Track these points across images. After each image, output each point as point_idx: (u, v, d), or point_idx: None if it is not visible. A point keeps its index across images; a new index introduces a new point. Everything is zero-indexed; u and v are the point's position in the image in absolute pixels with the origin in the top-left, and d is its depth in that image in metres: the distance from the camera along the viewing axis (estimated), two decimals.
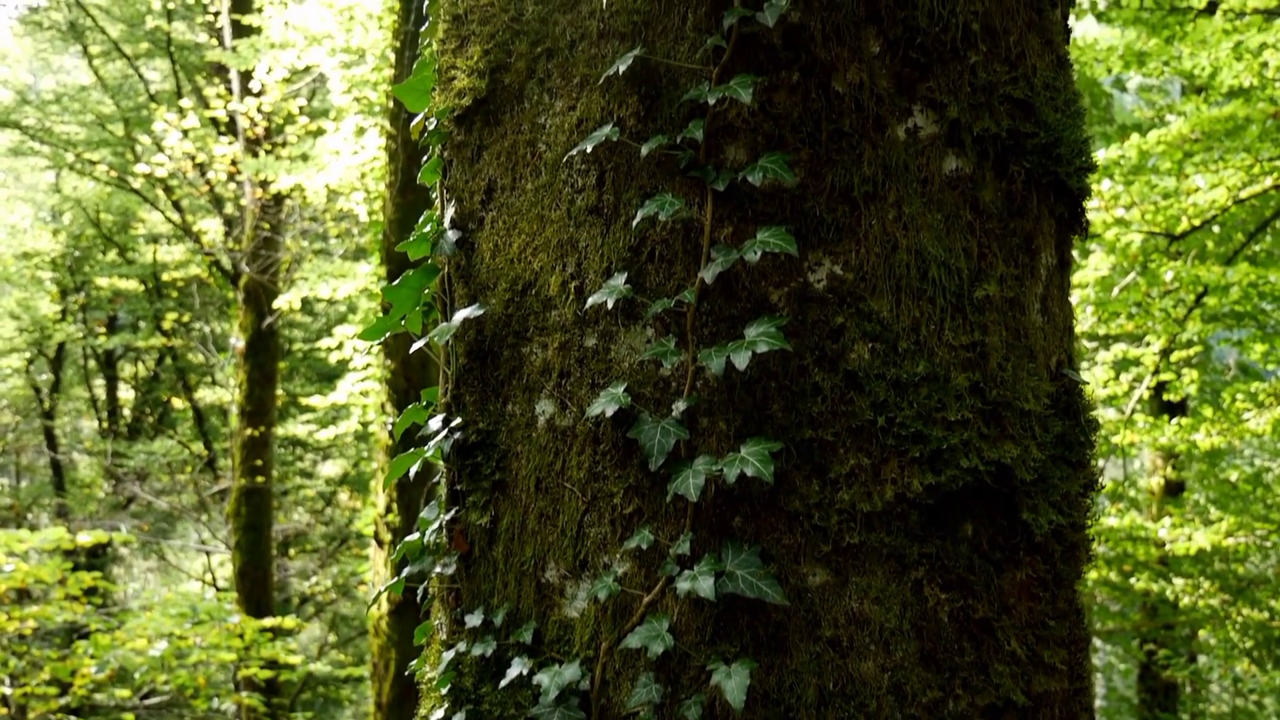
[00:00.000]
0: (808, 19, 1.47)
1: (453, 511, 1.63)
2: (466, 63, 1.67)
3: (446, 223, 1.70)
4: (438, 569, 1.64)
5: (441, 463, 1.66)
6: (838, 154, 1.47)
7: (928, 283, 1.48)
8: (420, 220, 1.77)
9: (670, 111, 1.49)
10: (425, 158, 1.78)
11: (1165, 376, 9.42)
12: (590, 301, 1.49)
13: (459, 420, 1.64)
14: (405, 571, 1.69)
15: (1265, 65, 7.46)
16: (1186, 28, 7.24)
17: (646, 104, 1.51)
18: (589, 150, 1.50)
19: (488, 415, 1.63)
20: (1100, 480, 1.62)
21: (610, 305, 1.48)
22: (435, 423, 1.69)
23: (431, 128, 1.71)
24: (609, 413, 1.47)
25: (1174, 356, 9.42)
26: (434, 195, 1.78)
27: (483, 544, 1.61)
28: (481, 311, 1.61)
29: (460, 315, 1.62)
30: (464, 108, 1.67)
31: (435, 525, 1.65)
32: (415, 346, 1.68)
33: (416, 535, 1.71)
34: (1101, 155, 8.12)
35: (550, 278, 1.56)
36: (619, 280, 1.49)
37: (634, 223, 1.48)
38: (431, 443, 1.65)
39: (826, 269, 1.47)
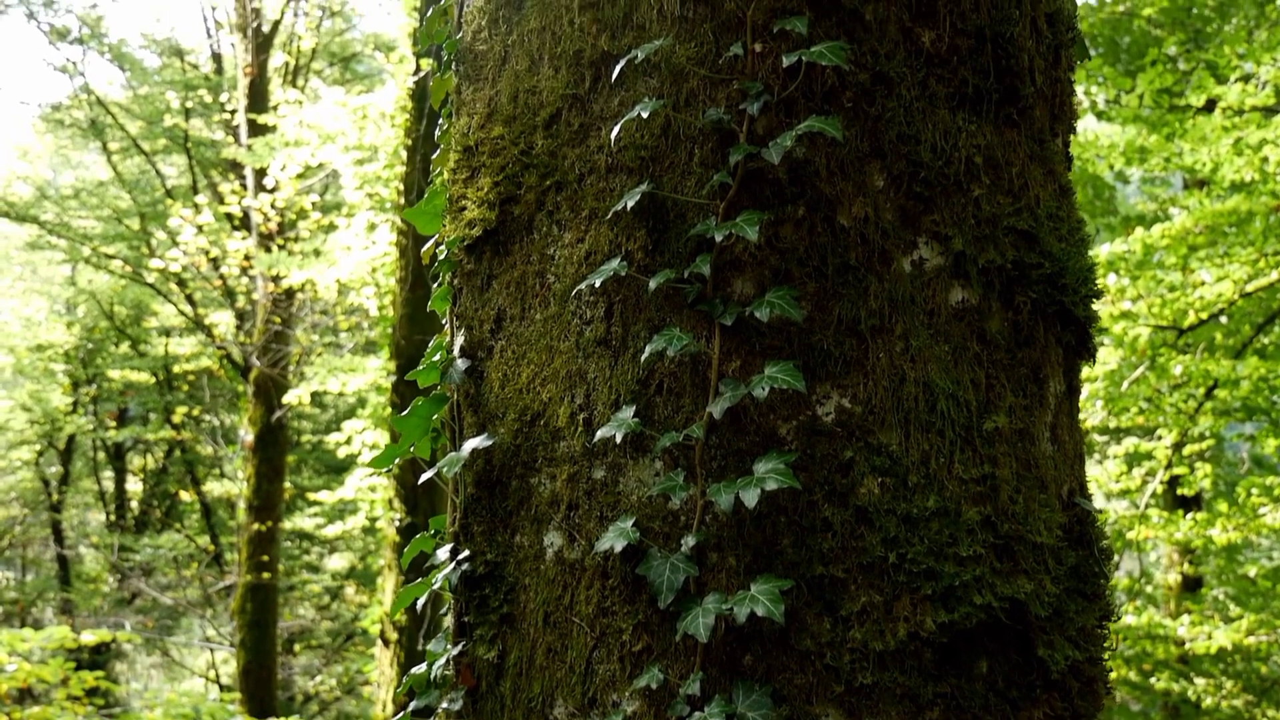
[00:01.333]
0: (812, 155, 1.50)
1: (460, 645, 1.61)
2: (477, 193, 1.70)
3: (456, 351, 1.70)
4: (444, 704, 1.61)
5: (449, 593, 1.64)
6: (844, 287, 1.48)
7: (936, 415, 1.47)
8: (429, 347, 1.78)
9: (677, 245, 1.51)
10: (436, 282, 1.80)
11: (1178, 471, 9.35)
12: (599, 435, 1.49)
13: (467, 551, 1.63)
14: (411, 707, 1.66)
15: (1266, 160, 7.54)
16: (1186, 125, 7.34)
17: (654, 237, 1.52)
18: (597, 284, 1.51)
19: (496, 546, 1.61)
20: (1116, 611, 1.59)
21: (619, 439, 1.47)
22: (443, 553, 1.68)
23: (442, 256, 1.73)
24: (618, 548, 1.45)
25: (1186, 450, 9.36)
26: (444, 322, 1.79)
27: (490, 679, 1.59)
28: (490, 442, 1.61)
29: (469, 445, 1.61)
30: (474, 237, 1.68)
31: (442, 659, 1.63)
32: (424, 477, 1.67)
33: (423, 668, 1.68)
34: (1106, 249, 8.18)
35: (559, 409, 1.56)
36: (627, 413, 1.49)
37: (642, 357, 1.48)
38: (440, 575, 1.64)
39: (835, 402, 1.46)
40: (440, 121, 1.93)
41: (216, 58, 17.32)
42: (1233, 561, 10.35)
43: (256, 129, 12.62)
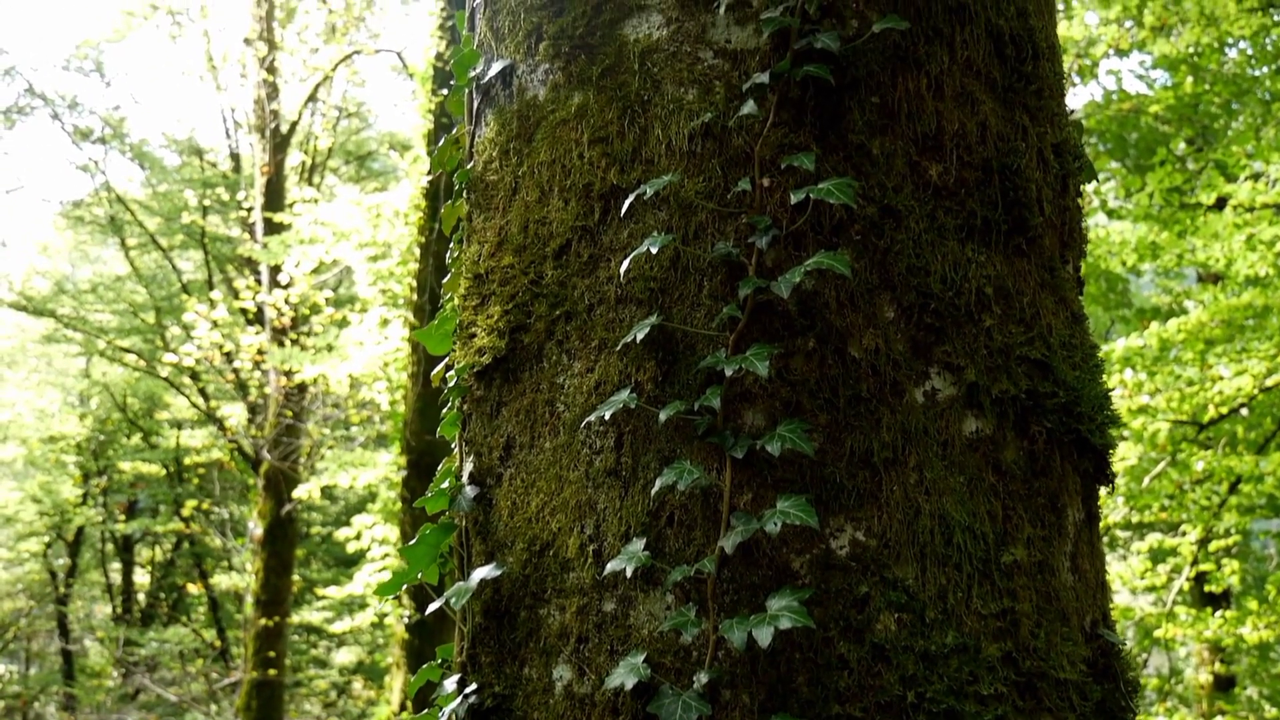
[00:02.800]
0: (822, 287, 1.50)
1: None
2: (487, 321, 1.70)
3: (465, 478, 1.69)
4: None
5: None
6: (856, 419, 1.47)
7: (953, 549, 1.45)
8: (438, 472, 1.77)
9: (687, 377, 1.51)
10: (445, 407, 1.80)
11: (1205, 567, 9.19)
12: (609, 568, 1.47)
13: (474, 684, 1.60)
14: None
15: None
16: (1198, 222, 7.38)
17: (664, 369, 1.52)
18: (607, 416, 1.50)
19: (504, 678, 1.58)
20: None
21: (629, 572, 1.45)
22: (450, 684, 1.64)
23: (452, 383, 1.73)
24: (629, 685, 1.42)
25: (1212, 546, 9.21)
26: (453, 447, 1.78)
27: None
28: (499, 572, 1.59)
29: (477, 575, 1.59)
30: (484, 365, 1.68)
31: None
32: (432, 608, 1.65)
33: None
34: (1121, 344, 8.17)
35: (568, 539, 1.55)
36: (638, 546, 1.47)
37: (653, 490, 1.47)
38: (446, 709, 1.60)
39: (849, 535, 1.44)
40: (451, 247, 1.95)
41: (235, 157, 17.66)
42: (1266, 660, 10.11)
43: (272, 227, 12.81)
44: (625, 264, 1.54)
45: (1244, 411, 8.96)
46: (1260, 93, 10.36)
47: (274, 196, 14.40)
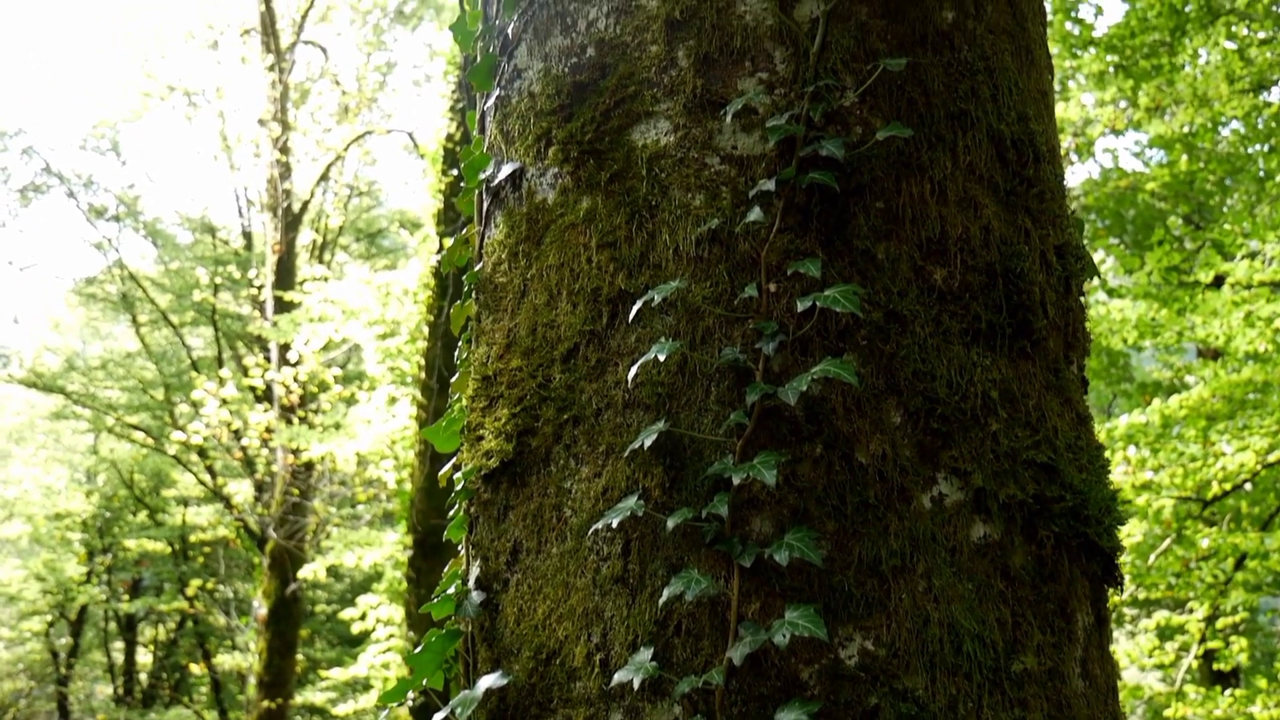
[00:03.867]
0: (828, 392, 1.51)
1: None
2: (494, 424, 1.71)
3: (471, 582, 1.69)
4: None
5: None
6: (864, 526, 1.47)
7: (962, 658, 1.44)
8: (444, 577, 1.77)
9: (695, 483, 1.51)
10: (451, 514, 1.79)
11: (1213, 645, 9.08)
12: (616, 678, 1.46)
13: None
14: None
15: (1278, 332, 7.58)
16: (1196, 300, 7.42)
17: (671, 475, 1.52)
18: (614, 524, 1.50)
19: None
20: None
21: (636, 683, 1.44)
22: None
23: (459, 486, 1.73)
24: None
25: (1220, 624, 9.11)
26: (460, 550, 1.78)
27: None
28: (505, 681, 1.57)
29: (483, 684, 1.58)
30: (491, 468, 1.69)
31: None
32: (438, 717, 1.63)
33: None
34: (1124, 420, 8.16)
35: (575, 648, 1.53)
36: (645, 656, 1.46)
37: (660, 599, 1.46)
38: None
39: (858, 644, 1.43)
40: (459, 347, 1.96)
41: (247, 235, 17.87)
42: None
43: (283, 305, 12.91)
44: (633, 370, 1.55)
45: (1247, 487, 8.91)
46: (1254, 170, 10.48)
47: (285, 274, 14.54)
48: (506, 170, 1.80)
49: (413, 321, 10.77)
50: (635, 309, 1.57)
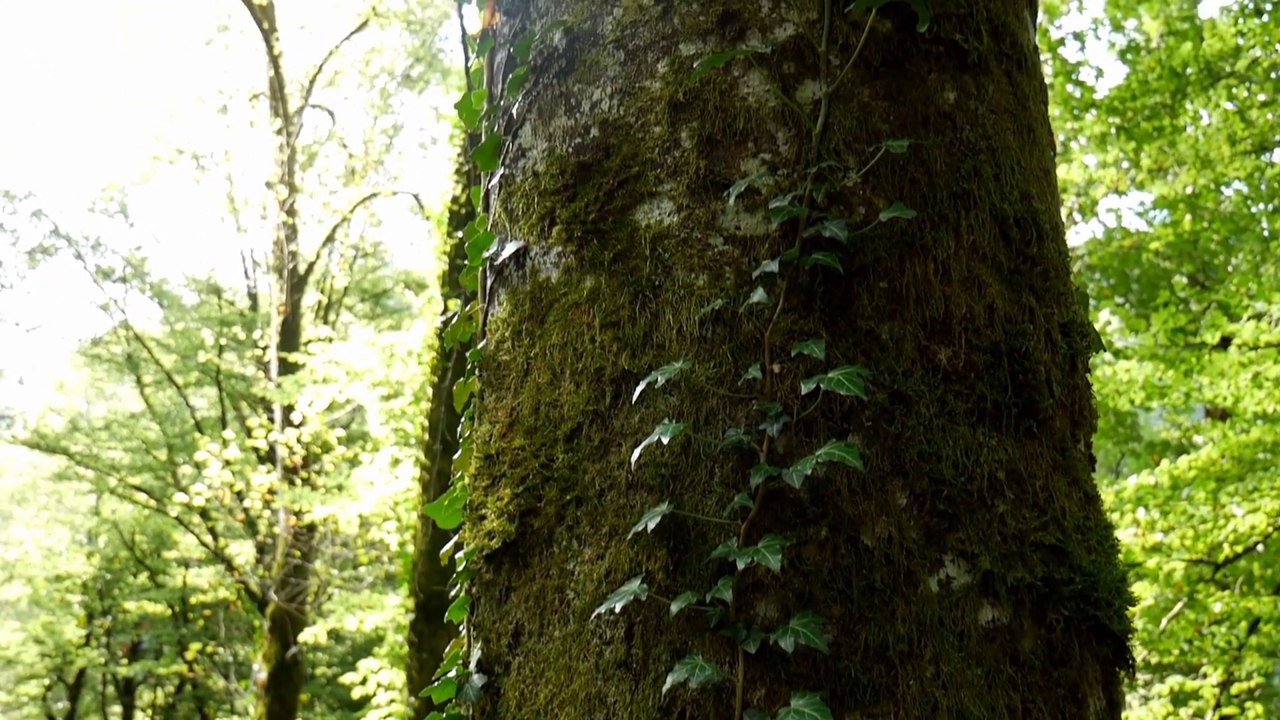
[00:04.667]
0: (833, 474, 1.49)
1: None
2: (497, 503, 1.69)
3: (473, 665, 1.66)
4: None
5: None
6: (870, 610, 1.45)
7: None
8: (445, 658, 1.74)
9: (699, 566, 1.49)
10: (453, 594, 1.77)
11: (1228, 711, 8.92)
12: None
13: None
14: None
15: None
16: (1203, 361, 7.41)
17: (675, 557, 1.50)
18: (618, 608, 1.48)
19: None
20: None
21: None
22: None
23: (461, 566, 1.71)
24: None
25: (1235, 689, 8.97)
26: (461, 630, 1.76)
27: None
28: None
29: None
30: (493, 548, 1.67)
31: None
32: None
33: None
34: (1133, 481, 8.11)
35: None
36: None
37: (664, 686, 1.44)
38: None
39: None
40: (462, 424, 1.95)
41: (252, 296, 17.96)
42: None
43: (287, 366, 12.93)
44: (636, 452, 1.54)
45: (1259, 549, 8.83)
46: (1258, 230, 10.53)
47: (290, 335, 14.59)
48: (511, 248, 1.81)
49: (416, 383, 10.78)
50: (639, 390, 1.56)
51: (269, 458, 13.85)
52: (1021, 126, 1.77)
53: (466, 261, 1.92)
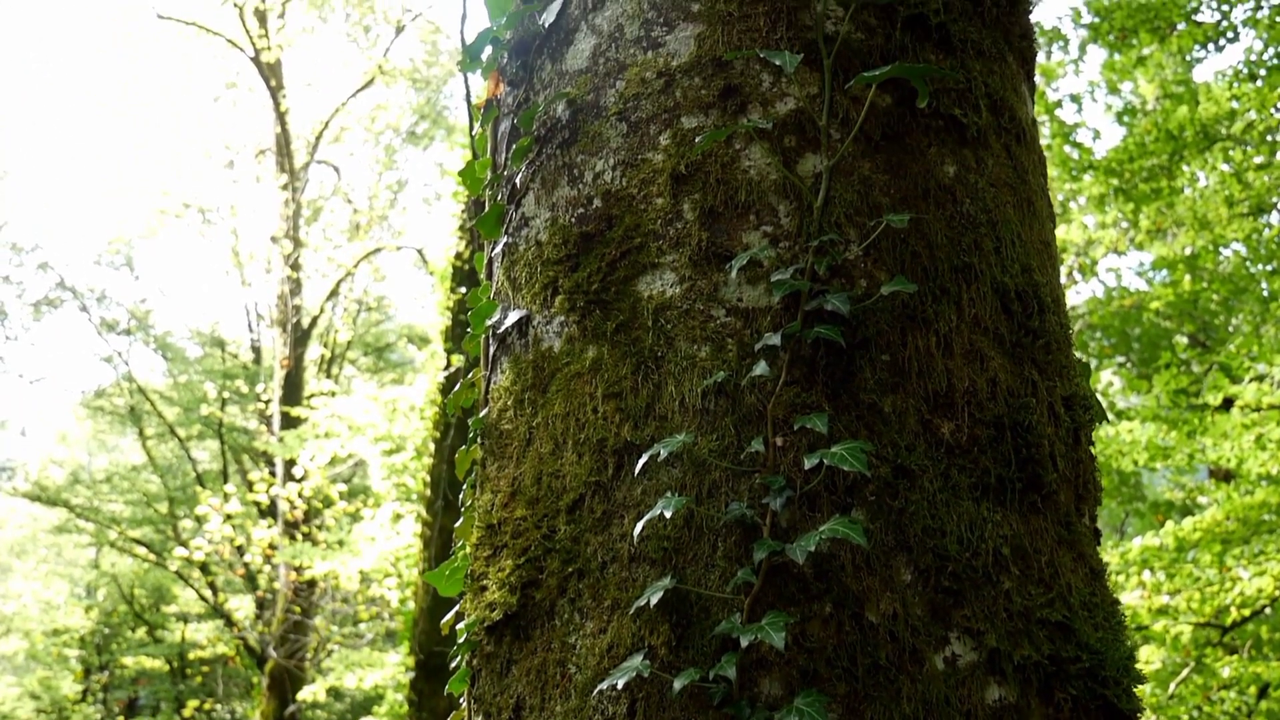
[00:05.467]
0: (837, 549, 1.48)
1: None
2: (498, 574, 1.68)
3: None
4: None
5: None
6: (875, 689, 1.43)
7: None
8: None
9: (702, 642, 1.47)
10: (453, 665, 1.76)
11: None
12: None
13: None
14: None
15: None
16: (1206, 423, 7.40)
17: (678, 632, 1.49)
18: (620, 685, 1.46)
19: None
20: None
21: None
22: None
23: (462, 638, 1.70)
24: None
25: None
26: (461, 703, 1.74)
27: None
28: None
29: None
30: (494, 620, 1.66)
31: None
32: None
33: None
34: (1138, 542, 8.06)
35: None
36: None
37: None
38: None
39: None
40: (464, 491, 1.95)
41: (256, 349, 18.01)
42: None
43: (289, 420, 12.92)
44: (639, 526, 1.53)
45: (1267, 612, 8.75)
46: (1258, 290, 10.56)
47: (292, 389, 14.60)
48: (513, 317, 1.82)
49: (419, 438, 10.76)
50: (641, 462, 1.56)
51: (270, 512, 13.79)
52: (1021, 200, 1.78)
53: (469, 317, 1.93)
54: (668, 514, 1.49)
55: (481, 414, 1.85)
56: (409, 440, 11.16)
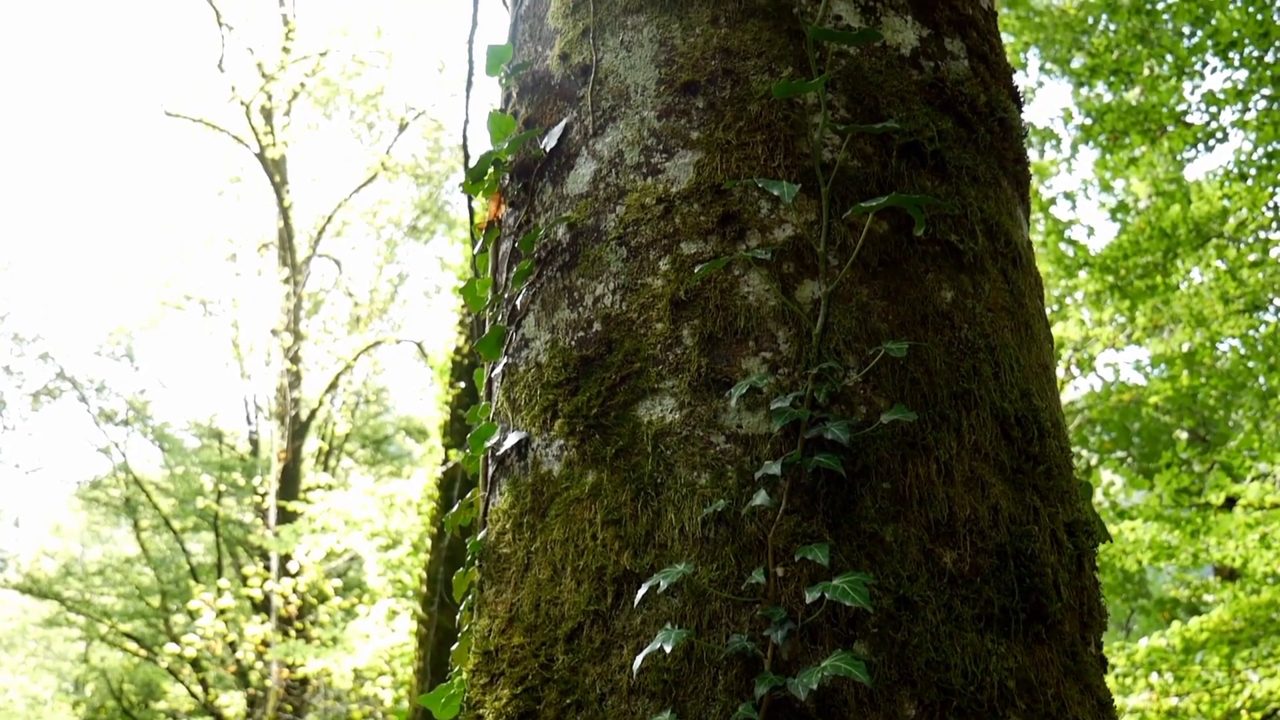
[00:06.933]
0: (839, 684, 1.46)
1: None
2: (495, 704, 1.65)
3: None
4: None
5: None
6: None
7: None
8: None
9: None
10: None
11: None
12: None
13: None
14: None
15: None
16: (1209, 522, 7.35)
17: None
18: None
19: None
20: None
21: None
22: None
23: None
24: None
25: None
26: None
27: None
28: None
29: None
30: None
31: None
32: None
33: None
34: (1144, 643, 7.95)
35: None
36: None
37: None
38: None
39: None
40: (461, 614, 1.92)
41: (254, 441, 17.96)
42: None
43: (286, 515, 12.83)
44: (638, 660, 1.51)
45: (1278, 714, 8.58)
46: (1256, 386, 10.59)
47: (289, 481, 14.53)
48: (513, 440, 1.81)
49: (415, 533, 10.68)
50: (641, 593, 1.54)
51: (263, 607, 13.61)
52: (1019, 323, 1.80)
53: (469, 439, 1.93)
54: (667, 648, 1.47)
55: (480, 536, 1.84)
56: (405, 535, 11.07)
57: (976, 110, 1.91)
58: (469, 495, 1.98)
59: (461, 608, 1.92)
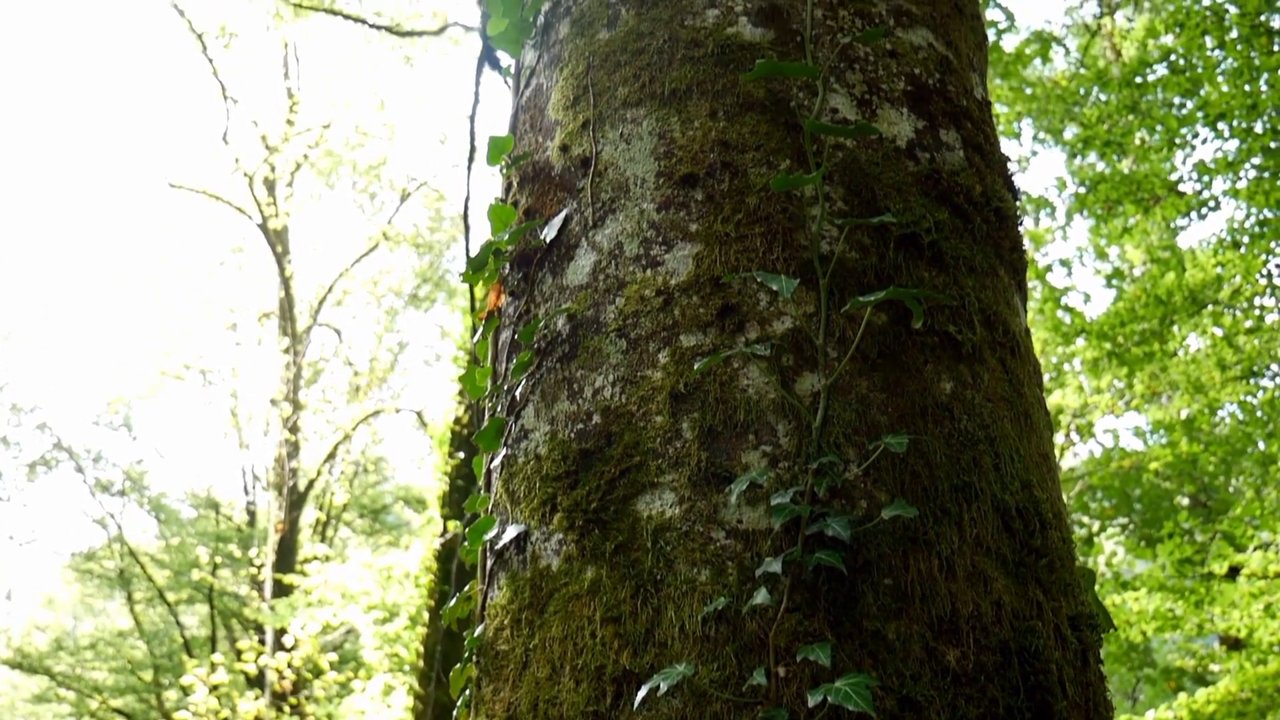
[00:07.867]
0: None
1: None
2: None
3: None
4: None
5: None
6: None
7: None
8: None
9: None
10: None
11: None
12: None
13: None
14: None
15: None
16: (1213, 591, 7.29)
17: None
18: None
19: None
20: None
21: None
22: None
23: None
24: None
25: None
26: None
27: None
28: None
29: None
30: None
31: None
32: None
33: None
34: (1151, 716, 7.84)
35: None
36: None
37: None
38: None
39: None
40: (458, 710, 1.89)
41: (251, 511, 17.85)
42: None
43: (282, 587, 12.71)
44: None
45: None
46: (1256, 453, 10.57)
47: (286, 552, 14.42)
48: (511, 533, 1.80)
49: (413, 606, 10.56)
50: (641, 695, 1.52)
51: (258, 682, 13.41)
52: (1018, 413, 1.79)
53: (467, 532, 1.91)
54: None
55: (477, 632, 1.82)
56: (403, 608, 10.95)
57: (972, 200, 1.92)
58: (467, 588, 1.96)
59: (459, 704, 1.90)
